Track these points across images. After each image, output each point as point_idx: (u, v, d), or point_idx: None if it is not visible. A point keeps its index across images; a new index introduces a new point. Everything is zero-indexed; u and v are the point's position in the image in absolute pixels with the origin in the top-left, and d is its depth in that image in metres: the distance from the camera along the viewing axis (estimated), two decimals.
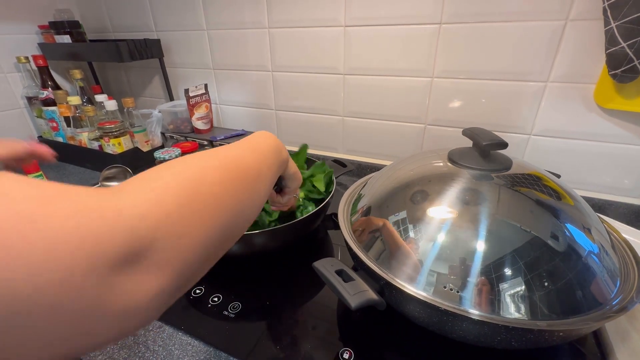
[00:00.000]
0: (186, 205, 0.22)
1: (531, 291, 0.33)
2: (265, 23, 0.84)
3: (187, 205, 0.22)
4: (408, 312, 0.38)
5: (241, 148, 0.33)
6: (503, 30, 0.63)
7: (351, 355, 0.40)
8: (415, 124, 0.79)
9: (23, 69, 0.98)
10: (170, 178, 0.23)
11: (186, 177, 0.24)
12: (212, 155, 0.29)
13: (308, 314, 0.46)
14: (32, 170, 0.69)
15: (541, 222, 0.37)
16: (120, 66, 1.17)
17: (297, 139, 0.96)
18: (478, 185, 0.40)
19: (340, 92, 0.84)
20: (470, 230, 0.36)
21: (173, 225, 0.21)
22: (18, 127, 1.05)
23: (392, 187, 0.47)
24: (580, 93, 0.62)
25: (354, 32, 0.76)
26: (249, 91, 0.97)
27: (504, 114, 0.70)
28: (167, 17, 0.98)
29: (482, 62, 0.67)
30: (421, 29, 0.69)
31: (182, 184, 0.23)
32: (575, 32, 0.59)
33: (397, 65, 0.75)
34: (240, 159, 0.31)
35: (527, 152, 0.71)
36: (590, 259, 0.36)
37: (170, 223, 0.21)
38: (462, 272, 0.34)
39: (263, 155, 0.34)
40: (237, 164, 0.29)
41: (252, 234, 0.50)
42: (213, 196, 0.25)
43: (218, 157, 0.29)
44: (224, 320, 0.45)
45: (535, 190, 0.40)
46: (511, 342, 0.33)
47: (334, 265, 0.37)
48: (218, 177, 0.26)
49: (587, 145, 0.66)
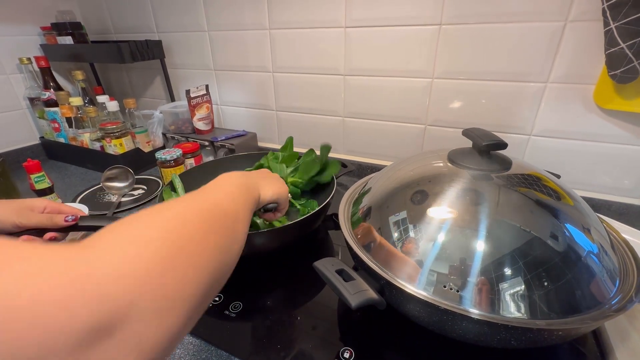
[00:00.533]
0: (168, 259, 0.19)
1: (531, 291, 0.33)
2: (266, 24, 0.84)
3: (169, 259, 0.19)
4: (408, 312, 0.38)
5: (214, 192, 0.32)
6: (503, 31, 0.63)
7: (351, 354, 0.40)
8: (416, 125, 0.80)
9: (25, 70, 0.99)
10: (147, 230, 0.21)
11: (165, 227, 0.22)
12: (188, 202, 0.27)
13: (309, 313, 0.47)
14: (34, 171, 0.69)
15: (541, 222, 0.37)
16: (121, 67, 1.17)
17: (298, 139, 0.96)
18: (478, 186, 0.41)
19: (341, 92, 0.84)
20: (471, 230, 0.37)
21: (154, 284, 0.18)
22: (20, 128, 1.05)
23: (392, 188, 0.47)
24: (579, 94, 0.63)
25: (354, 33, 0.76)
26: (249, 92, 0.97)
27: (504, 115, 0.70)
28: (168, 18, 0.98)
29: (482, 63, 0.67)
30: (421, 30, 0.70)
31: (162, 235, 0.21)
32: (575, 33, 0.59)
33: (397, 66, 0.75)
34: (217, 203, 0.29)
35: (527, 153, 0.71)
36: (590, 259, 0.36)
37: (152, 282, 0.18)
38: (462, 271, 0.35)
39: (236, 197, 0.33)
40: (214, 209, 0.28)
41: (253, 234, 0.51)
42: (196, 246, 0.22)
43: (194, 203, 0.27)
44: (225, 319, 0.46)
45: (535, 190, 0.40)
46: (510, 342, 0.33)
47: (335, 265, 0.38)
48: (198, 225, 0.24)
49: (586, 145, 0.66)
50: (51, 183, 0.73)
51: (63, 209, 0.50)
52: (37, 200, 0.49)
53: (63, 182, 0.91)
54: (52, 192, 0.73)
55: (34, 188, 0.70)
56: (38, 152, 1.07)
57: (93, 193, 0.84)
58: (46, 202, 0.49)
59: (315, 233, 0.65)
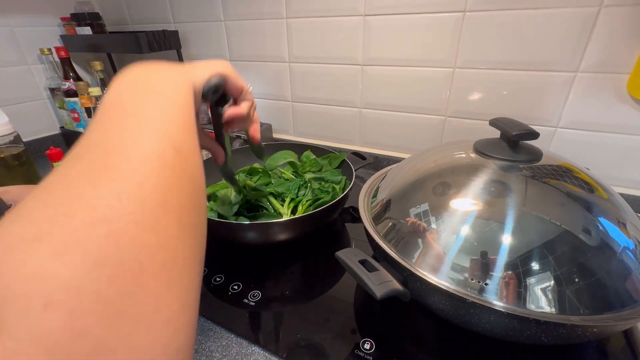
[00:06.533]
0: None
1: (561, 286, 0.32)
2: (283, 13, 0.83)
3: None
4: (432, 304, 0.37)
5: (130, 127, 0.19)
6: (530, 18, 0.61)
7: (372, 345, 0.40)
8: (435, 116, 0.78)
9: (46, 60, 1.00)
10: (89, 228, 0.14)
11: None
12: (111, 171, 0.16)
13: (327, 304, 0.46)
14: (57, 159, 0.70)
15: (573, 215, 0.36)
16: (138, 58, 1.18)
17: (314, 130, 0.95)
18: (506, 177, 0.39)
19: (359, 83, 0.83)
20: (499, 223, 0.35)
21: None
22: (41, 118, 1.07)
23: (414, 179, 0.46)
24: (612, 83, 0.60)
25: (373, 21, 0.74)
26: (265, 82, 0.97)
27: (529, 106, 0.68)
28: (185, 8, 0.98)
29: (508, 52, 0.65)
30: (444, 18, 0.67)
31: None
32: (609, 18, 0.56)
33: (417, 56, 0.73)
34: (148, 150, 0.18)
35: (553, 145, 0.69)
36: (626, 255, 0.34)
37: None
38: (489, 264, 0.33)
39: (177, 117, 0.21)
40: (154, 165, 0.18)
41: (270, 223, 0.50)
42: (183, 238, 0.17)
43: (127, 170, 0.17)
44: (244, 308, 0.46)
45: (566, 182, 0.38)
46: (541, 337, 0.32)
47: (357, 255, 0.37)
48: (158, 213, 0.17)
49: (618, 138, 0.63)
50: None
51: None
52: None
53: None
54: None
55: None
56: (58, 141, 1.09)
57: None
58: None
59: (332, 225, 0.64)
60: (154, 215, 0.16)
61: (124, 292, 0.14)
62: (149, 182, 0.17)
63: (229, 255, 0.56)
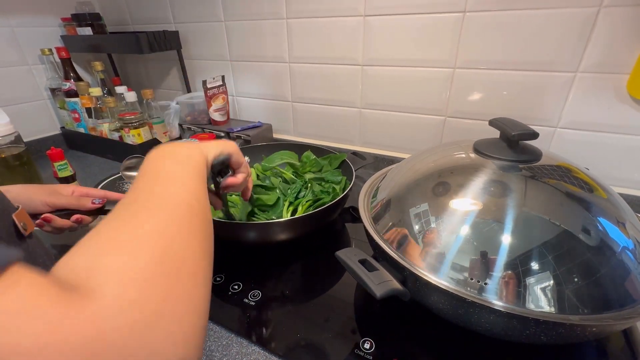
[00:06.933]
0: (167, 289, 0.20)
1: (560, 285, 0.32)
2: (283, 13, 0.83)
3: (168, 288, 0.20)
4: (432, 304, 0.37)
5: (172, 186, 0.28)
6: (530, 18, 0.61)
7: (372, 345, 0.40)
8: (435, 116, 0.78)
9: (47, 60, 1.00)
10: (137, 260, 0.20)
11: (154, 252, 0.21)
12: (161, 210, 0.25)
13: (326, 304, 0.46)
14: (58, 159, 0.70)
15: (572, 215, 0.36)
16: (139, 58, 1.18)
17: (314, 130, 0.96)
18: (505, 177, 0.39)
19: (359, 83, 0.83)
20: (498, 222, 0.35)
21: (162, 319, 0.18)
22: (42, 118, 1.08)
23: (414, 179, 0.46)
24: (611, 84, 0.60)
25: (374, 21, 0.74)
26: (265, 83, 0.97)
27: (529, 106, 0.68)
28: (185, 8, 0.98)
29: (508, 52, 0.65)
30: (444, 18, 0.67)
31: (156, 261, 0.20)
32: (609, 18, 0.56)
33: (417, 56, 0.73)
34: (184, 202, 0.26)
35: (553, 146, 0.69)
36: (625, 255, 0.35)
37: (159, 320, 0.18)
38: (489, 264, 0.34)
39: (192, 180, 0.30)
40: (188, 211, 0.26)
41: (270, 223, 0.51)
42: (190, 264, 0.23)
43: (167, 211, 0.25)
44: (244, 307, 0.46)
45: (566, 182, 0.39)
46: (540, 337, 0.32)
47: (357, 255, 0.37)
48: (185, 238, 0.24)
49: (618, 138, 0.63)
50: (73, 171, 0.74)
51: (91, 192, 0.51)
52: (65, 185, 0.50)
53: (83, 172, 0.93)
54: (75, 180, 0.75)
55: (57, 176, 0.72)
56: (59, 142, 1.09)
57: (112, 182, 0.85)
58: (74, 186, 0.51)
59: (332, 225, 0.64)
60: (185, 237, 0.24)
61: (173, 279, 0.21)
62: (184, 219, 0.25)
63: (230, 255, 0.56)
